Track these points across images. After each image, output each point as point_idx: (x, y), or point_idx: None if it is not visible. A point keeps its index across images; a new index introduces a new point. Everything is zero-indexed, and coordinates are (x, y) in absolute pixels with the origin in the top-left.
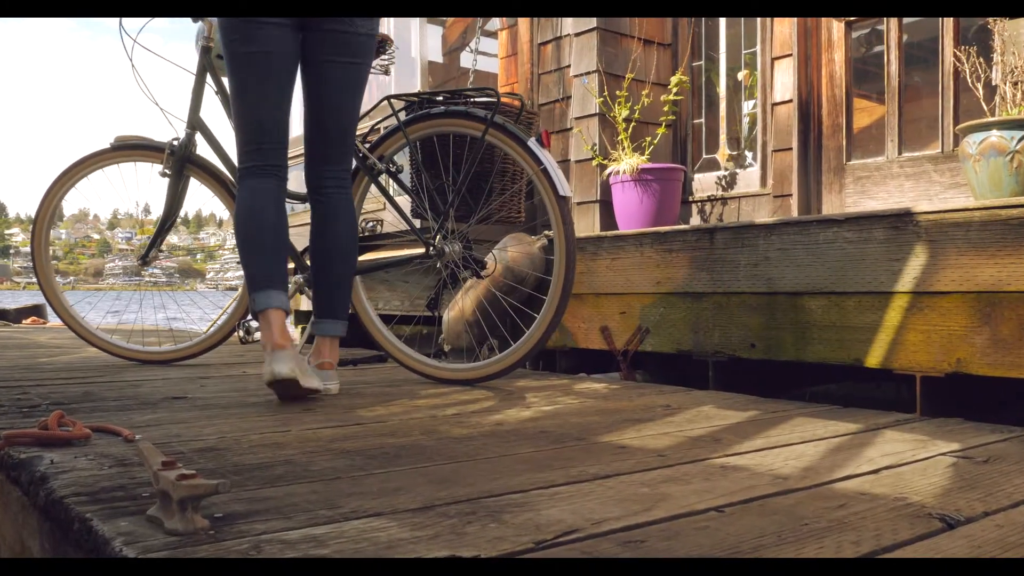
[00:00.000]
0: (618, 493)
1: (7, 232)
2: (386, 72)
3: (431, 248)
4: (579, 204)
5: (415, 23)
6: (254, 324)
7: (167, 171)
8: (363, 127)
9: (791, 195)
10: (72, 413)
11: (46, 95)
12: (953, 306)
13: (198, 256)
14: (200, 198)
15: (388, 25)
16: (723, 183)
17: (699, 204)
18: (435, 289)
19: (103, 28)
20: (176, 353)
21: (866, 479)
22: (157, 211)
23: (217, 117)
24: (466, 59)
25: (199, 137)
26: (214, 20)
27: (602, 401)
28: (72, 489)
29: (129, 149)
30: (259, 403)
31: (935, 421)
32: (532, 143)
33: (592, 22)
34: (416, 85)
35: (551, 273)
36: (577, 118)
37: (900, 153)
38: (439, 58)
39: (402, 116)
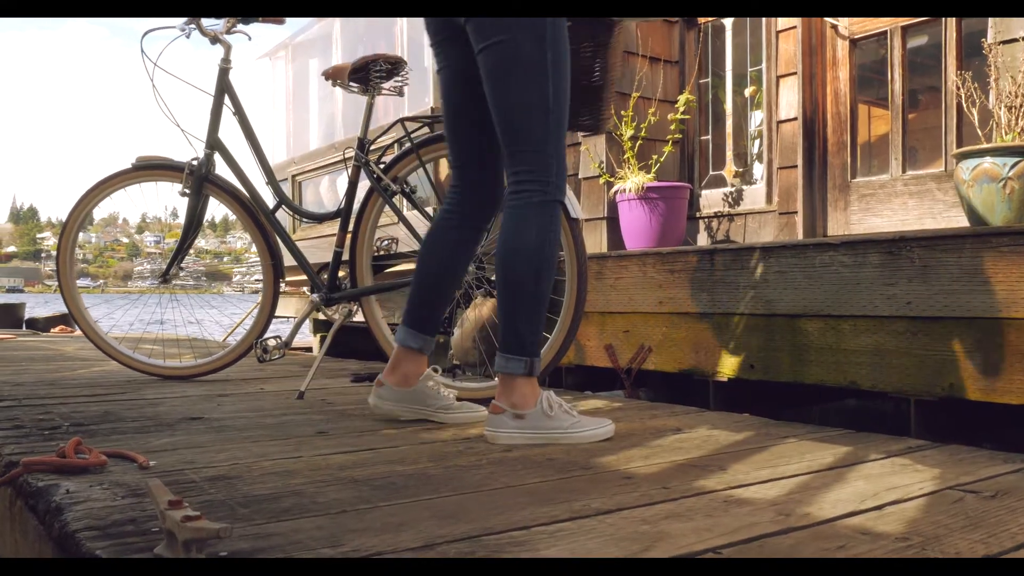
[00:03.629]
0: (618, 531)
1: (39, 236)
2: (400, 93)
3: None
4: (587, 221)
5: (426, 34)
6: (271, 343)
7: (186, 190)
8: (378, 145)
9: (796, 212)
10: (91, 436)
11: (76, 99)
12: (946, 331)
13: (224, 259)
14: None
15: (401, 37)
16: (730, 200)
17: (706, 220)
18: (449, 308)
19: (129, 32)
20: (196, 369)
21: (870, 516)
22: (184, 215)
23: (234, 137)
24: None
25: (218, 157)
26: (232, 41)
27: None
28: (85, 523)
29: (149, 169)
30: (273, 424)
31: (947, 449)
32: None
33: None
34: (428, 94)
35: (556, 292)
36: (584, 135)
37: (904, 171)
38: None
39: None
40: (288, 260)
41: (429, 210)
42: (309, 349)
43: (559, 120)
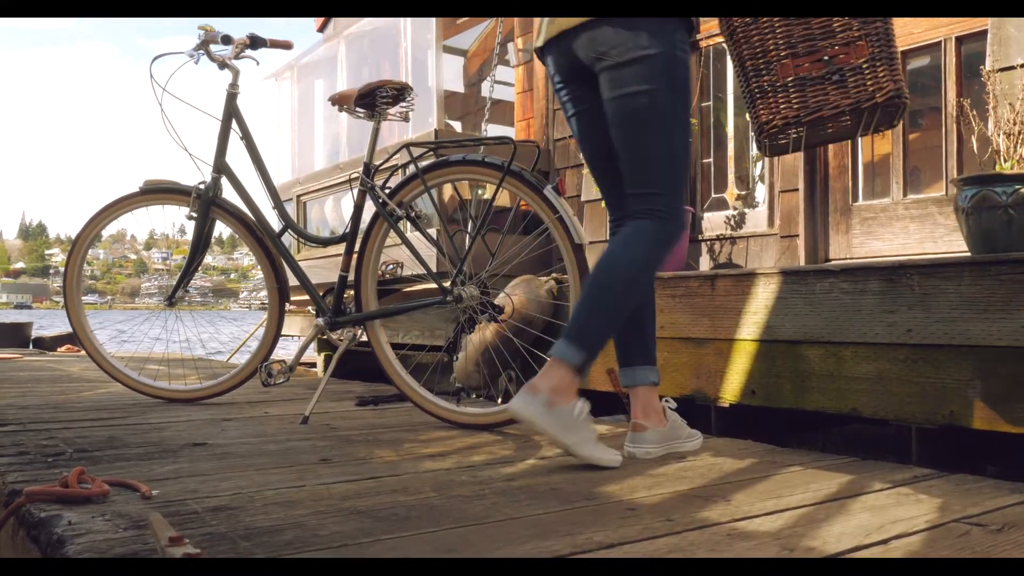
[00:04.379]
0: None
1: (47, 252)
2: (405, 119)
3: (448, 294)
4: (590, 244)
5: (431, 53)
6: (276, 367)
7: (193, 214)
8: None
9: (798, 236)
10: (95, 463)
11: (85, 116)
12: (946, 359)
13: (232, 275)
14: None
15: (406, 59)
16: (732, 222)
17: (708, 243)
18: (454, 333)
19: (139, 51)
20: (200, 392)
21: (875, 550)
22: (191, 237)
23: (242, 161)
24: (487, 89)
25: (225, 181)
26: (240, 66)
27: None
28: (86, 556)
29: (157, 193)
30: (277, 451)
31: (952, 478)
32: (548, 191)
33: None
34: (432, 114)
35: (556, 315)
36: None
37: (905, 195)
38: (459, 88)
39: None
40: (294, 281)
41: (433, 232)
42: (313, 365)
43: (686, 165)
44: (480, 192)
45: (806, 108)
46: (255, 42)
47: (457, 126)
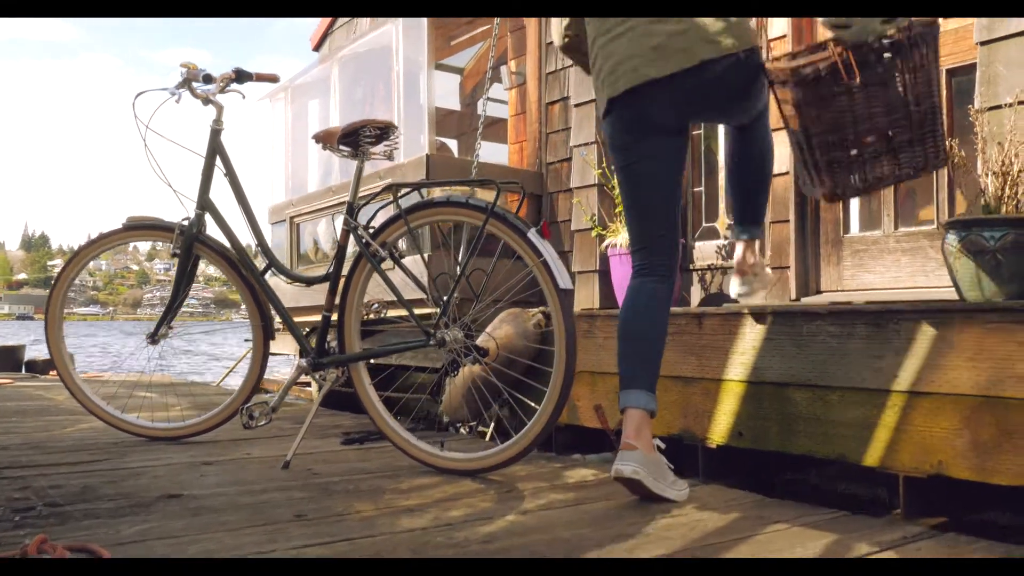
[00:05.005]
0: None
1: (50, 263)
2: (390, 158)
3: (431, 338)
4: (579, 273)
5: (423, 70)
6: (257, 410)
7: (176, 251)
8: (366, 208)
9: (789, 267)
10: (64, 520)
11: (88, 127)
12: (934, 407)
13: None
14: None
15: (398, 82)
16: (723, 252)
17: (699, 272)
18: (438, 376)
19: (142, 62)
20: (183, 431)
21: None
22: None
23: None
24: (481, 109)
25: (210, 218)
26: (224, 102)
27: (596, 504)
28: None
29: (139, 229)
30: (252, 505)
31: (944, 539)
32: (532, 234)
33: (592, 94)
34: (424, 132)
35: (547, 363)
36: (577, 188)
37: (896, 228)
38: (455, 106)
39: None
40: (291, 302)
41: (413, 261)
42: (308, 384)
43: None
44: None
45: (865, 182)
46: (241, 76)
47: (453, 144)
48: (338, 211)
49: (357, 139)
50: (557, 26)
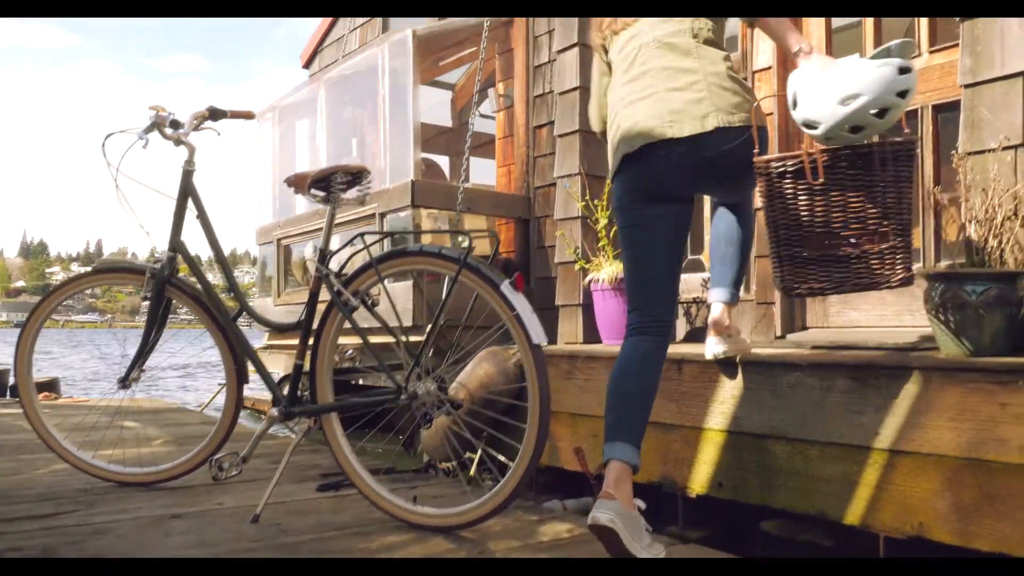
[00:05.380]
0: None
1: (48, 271)
2: (361, 203)
3: (403, 392)
4: (563, 307)
5: (409, 95)
6: (227, 462)
7: (147, 294)
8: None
9: (774, 303)
10: None
11: (87, 134)
12: (915, 467)
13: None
14: (235, 238)
15: (384, 106)
16: (708, 285)
17: (684, 306)
18: (411, 428)
19: (142, 69)
20: (154, 476)
21: None
22: (193, 249)
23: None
24: (473, 126)
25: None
26: (195, 144)
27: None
28: None
29: (109, 272)
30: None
31: None
32: (505, 287)
33: (575, 123)
34: (409, 147)
35: (521, 419)
36: (561, 219)
37: None
38: (446, 122)
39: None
40: (280, 316)
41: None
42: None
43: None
44: (461, 238)
45: (830, 282)
46: (215, 114)
47: (444, 161)
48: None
49: (329, 185)
50: (596, 113)
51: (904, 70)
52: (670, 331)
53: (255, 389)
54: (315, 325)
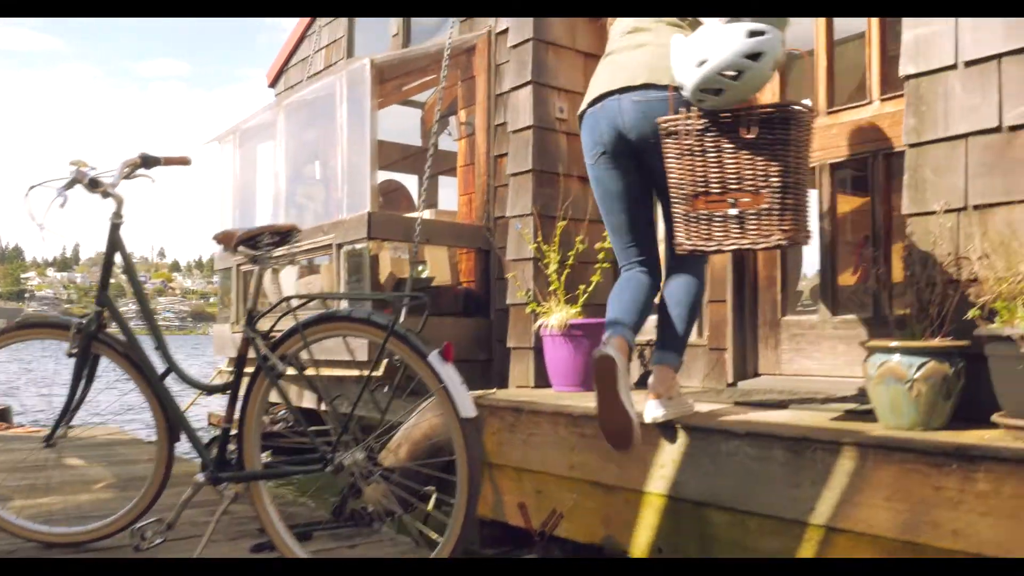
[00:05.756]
0: None
1: (23, 276)
2: (292, 262)
3: (326, 463)
4: (514, 349)
5: (366, 117)
6: (149, 531)
7: (74, 350)
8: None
9: (726, 349)
10: None
11: (64, 138)
12: (851, 546)
13: (211, 299)
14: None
15: (342, 133)
16: None
17: (638, 348)
18: (342, 497)
19: (123, 72)
20: (87, 535)
21: None
22: (173, 254)
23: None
24: (443, 142)
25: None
26: (123, 195)
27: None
28: None
29: (34, 327)
30: None
31: None
32: (433, 357)
33: (528, 163)
34: (367, 178)
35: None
36: (512, 260)
37: (834, 315)
38: (416, 141)
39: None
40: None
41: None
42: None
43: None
44: (420, 269)
45: (712, 240)
46: (148, 161)
47: (412, 180)
48: (295, 258)
49: (256, 244)
50: None
51: (755, 33)
52: (656, 271)
53: (213, 405)
54: (243, 389)
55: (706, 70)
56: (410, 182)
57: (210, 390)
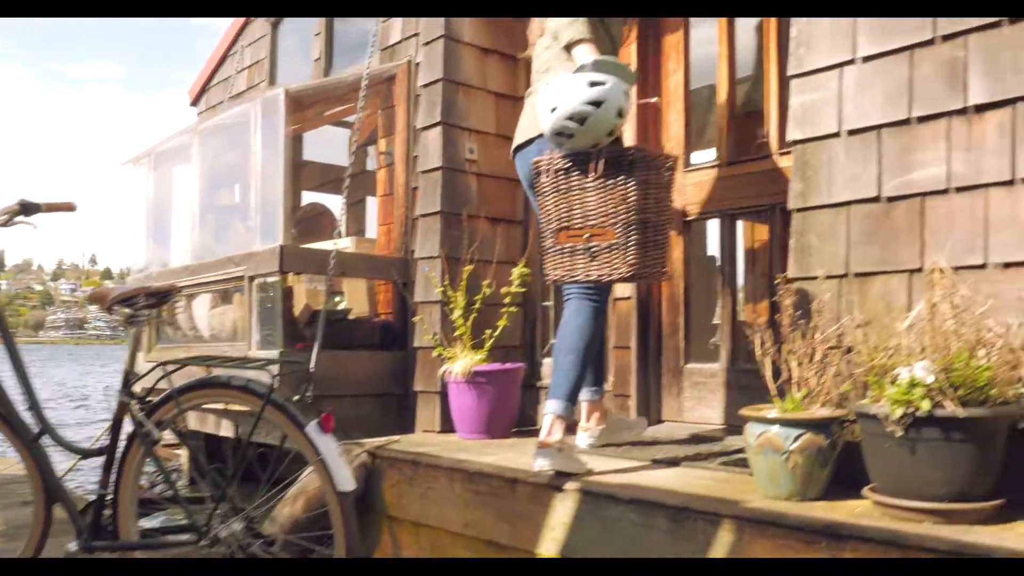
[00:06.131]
0: None
1: None
2: (172, 324)
3: (201, 535)
4: (421, 393)
5: (280, 148)
6: None
7: None
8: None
9: (630, 396)
10: None
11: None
12: None
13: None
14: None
15: (256, 161)
16: None
17: (548, 390)
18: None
19: (54, 74)
20: None
21: None
22: (105, 261)
23: None
24: (371, 164)
25: None
26: (3, 245)
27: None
28: None
29: None
30: None
31: None
32: (311, 428)
33: (437, 204)
34: (279, 209)
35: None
36: (420, 303)
37: (733, 363)
38: (343, 161)
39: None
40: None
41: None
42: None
43: None
44: (337, 300)
45: (569, 273)
46: (28, 208)
47: (337, 201)
48: (201, 292)
49: (134, 303)
50: None
51: (595, 83)
52: (586, 300)
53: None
54: (118, 453)
55: (556, 116)
56: (339, 204)
57: (86, 454)
